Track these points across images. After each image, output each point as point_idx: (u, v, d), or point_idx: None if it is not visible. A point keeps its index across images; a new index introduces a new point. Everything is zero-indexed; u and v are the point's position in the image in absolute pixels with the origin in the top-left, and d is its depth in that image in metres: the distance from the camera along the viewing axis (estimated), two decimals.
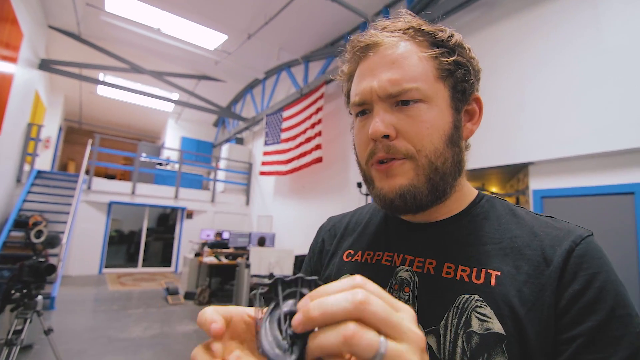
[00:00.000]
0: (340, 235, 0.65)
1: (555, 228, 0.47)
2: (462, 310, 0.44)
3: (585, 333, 0.39)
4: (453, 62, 0.49)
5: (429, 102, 0.48)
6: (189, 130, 12.21)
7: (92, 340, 3.87)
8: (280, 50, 7.10)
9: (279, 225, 7.97)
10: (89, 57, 7.80)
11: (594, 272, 0.41)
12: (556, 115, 3.24)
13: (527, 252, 0.45)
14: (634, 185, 2.75)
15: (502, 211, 0.52)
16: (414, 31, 0.50)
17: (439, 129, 0.48)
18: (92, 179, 7.78)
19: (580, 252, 0.43)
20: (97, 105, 11.32)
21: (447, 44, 0.50)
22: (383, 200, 0.50)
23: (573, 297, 0.41)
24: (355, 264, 0.58)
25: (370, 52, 0.50)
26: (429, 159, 0.47)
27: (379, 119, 0.47)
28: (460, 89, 0.50)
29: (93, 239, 7.96)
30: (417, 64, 0.48)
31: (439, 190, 0.49)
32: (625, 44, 2.82)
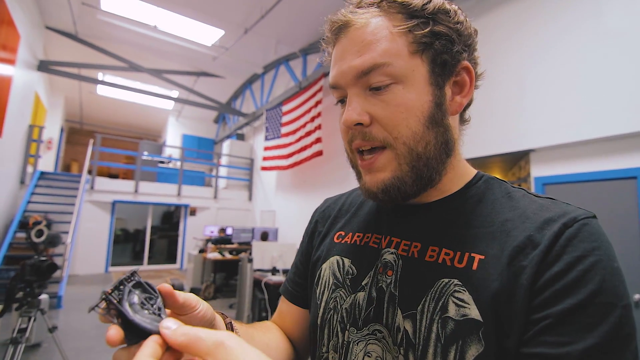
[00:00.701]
0: (334, 216, 0.65)
1: (550, 210, 0.44)
2: (440, 295, 0.43)
3: (554, 315, 0.36)
4: (429, 32, 0.45)
5: (404, 82, 0.44)
6: (189, 128, 12.23)
7: (99, 338, 3.92)
8: (277, 43, 7.05)
9: (281, 220, 8.00)
10: (87, 57, 7.80)
11: (580, 255, 0.38)
12: (557, 102, 3.20)
13: (514, 235, 0.42)
14: (636, 170, 2.72)
15: (499, 194, 0.49)
16: (387, 4, 0.46)
17: (416, 110, 0.45)
18: (95, 179, 7.83)
19: (569, 235, 0.40)
20: (97, 105, 11.35)
21: (421, 13, 0.45)
22: (368, 193, 0.49)
23: (551, 278, 0.38)
24: (345, 245, 0.57)
25: (342, 34, 0.48)
26: (407, 146, 0.45)
27: (352, 107, 0.46)
28: (441, 62, 0.46)
29: (98, 238, 8.04)
30: (388, 42, 0.44)
31: (423, 178, 0.47)
32: (626, 29, 2.76)
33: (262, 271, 4.44)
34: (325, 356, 0.52)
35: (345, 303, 0.51)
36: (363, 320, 0.48)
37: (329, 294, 0.54)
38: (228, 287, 6.77)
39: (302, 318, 0.64)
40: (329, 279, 0.55)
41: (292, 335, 0.64)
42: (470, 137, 2.26)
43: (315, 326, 0.55)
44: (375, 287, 0.49)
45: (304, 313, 0.64)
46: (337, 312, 0.52)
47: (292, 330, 0.64)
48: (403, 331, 0.44)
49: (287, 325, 0.65)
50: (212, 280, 6.17)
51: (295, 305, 0.65)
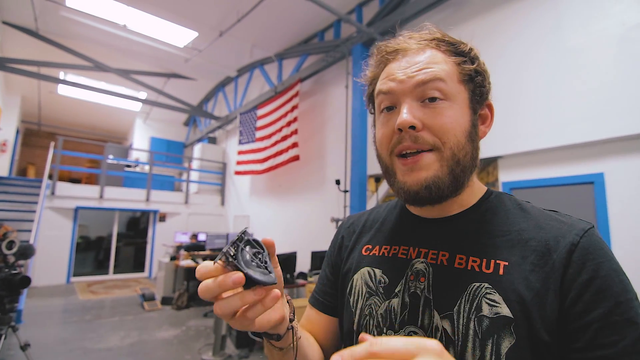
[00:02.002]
0: (359, 231, 0.70)
1: (560, 221, 0.51)
2: (474, 297, 0.49)
3: (599, 319, 0.43)
4: (474, 69, 0.55)
5: (452, 101, 0.52)
6: (158, 130, 11.82)
7: (66, 353, 3.70)
8: (253, 47, 7.01)
9: (256, 225, 7.92)
10: (48, 55, 7.37)
11: (599, 262, 0.45)
12: (522, 111, 3.42)
13: (533, 244, 0.50)
14: (593, 176, 2.96)
15: (510, 206, 0.57)
16: (438, 41, 0.55)
17: (461, 124, 0.53)
18: (56, 184, 7.38)
19: (584, 245, 0.47)
20: (58, 106, 10.72)
21: (468, 54, 0.55)
22: (407, 192, 0.54)
23: (582, 286, 0.44)
24: (374, 258, 0.62)
25: (399, 55, 0.55)
26: (452, 151, 0.52)
27: (407, 111, 0.51)
28: (479, 93, 0.56)
29: (59, 246, 7.56)
30: (443, 65, 0.53)
31: (459, 182, 0.53)
32: (583, 45, 3.02)
33: None
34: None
35: (380, 309, 0.57)
36: (399, 323, 0.54)
37: (363, 301, 0.60)
38: None
39: (332, 326, 0.69)
40: (361, 288, 0.61)
41: (321, 342, 0.68)
42: None
43: (351, 332, 0.60)
44: (408, 293, 0.55)
45: (334, 322, 0.69)
46: (373, 317, 0.57)
47: (323, 338, 0.69)
48: (442, 330, 0.50)
49: (318, 332, 0.69)
50: (186, 289, 5.99)
51: (326, 314, 0.69)
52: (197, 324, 4.86)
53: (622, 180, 2.78)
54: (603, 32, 2.91)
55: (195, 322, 4.95)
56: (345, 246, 0.70)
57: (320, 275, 0.75)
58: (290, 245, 6.12)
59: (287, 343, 0.52)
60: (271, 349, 0.53)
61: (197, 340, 4.23)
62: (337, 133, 5.66)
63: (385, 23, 4.64)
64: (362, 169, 4.77)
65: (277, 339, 0.50)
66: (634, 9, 2.75)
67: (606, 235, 2.80)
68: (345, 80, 5.40)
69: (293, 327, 0.52)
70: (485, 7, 3.85)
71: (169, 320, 5.03)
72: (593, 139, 2.91)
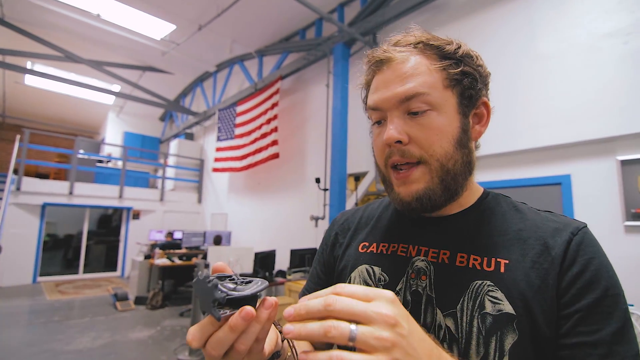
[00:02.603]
0: (354, 228, 0.70)
1: (555, 221, 0.54)
2: (476, 295, 0.50)
3: (583, 309, 0.45)
4: (460, 72, 0.54)
5: (439, 110, 0.53)
6: (132, 125, 11.46)
7: (34, 356, 3.54)
8: (233, 43, 6.91)
9: (234, 223, 7.83)
10: (15, 43, 6.99)
11: (590, 258, 0.48)
12: (496, 114, 3.48)
13: (531, 242, 0.51)
14: (560, 177, 3.12)
15: (506, 207, 0.58)
16: (423, 45, 0.55)
17: (448, 134, 0.53)
18: (22, 179, 7.02)
19: (577, 241, 0.49)
20: (24, 97, 10.19)
21: (454, 55, 0.55)
22: (401, 203, 0.55)
23: (572, 279, 0.47)
24: (371, 255, 0.62)
25: (384, 66, 0.55)
26: (440, 162, 0.53)
27: (393, 126, 0.53)
28: (467, 96, 0.55)
29: (25, 245, 7.20)
30: (427, 76, 0.53)
31: (451, 190, 0.54)
32: (555, 52, 3.16)
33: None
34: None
35: None
36: None
37: None
38: (177, 295, 6.47)
39: None
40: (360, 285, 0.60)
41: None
42: None
43: None
44: (409, 291, 0.55)
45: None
46: None
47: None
48: (445, 328, 0.50)
49: None
50: (161, 288, 5.85)
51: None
52: (173, 324, 4.76)
53: (587, 181, 2.94)
54: (572, 40, 3.06)
55: (171, 322, 4.85)
56: (340, 243, 0.70)
57: (310, 273, 0.74)
58: (269, 244, 6.10)
59: (285, 354, 0.51)
60: None
61: (172, 340, 4.14)
62: (318, 131, 5.67)
63: (366, 24, 4.69)
64: (342, 167, 4.81)
65: (277, 357, 0.49)
66: (601, 20, 2.90)
67: None
68: (326, 79, 5.42)
69: (288, 339, 0.51)
70: (464, 11, 3.96)
71: (143, 320, 4.90)
72: (560, 142, 3.06)
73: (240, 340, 0.36)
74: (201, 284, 0.37)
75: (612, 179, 2.78)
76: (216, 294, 0.35)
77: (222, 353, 0.36)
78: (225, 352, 0.37)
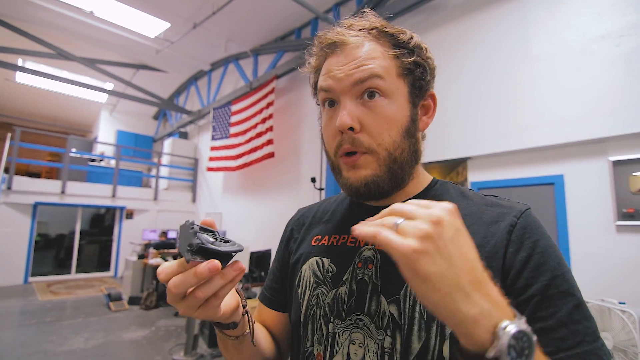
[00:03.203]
0: (309, 223, 0.71)
1: (500, 205, 0.55)
2: None
3: (538, 292, 0.45)
4: (412, 62, 0.55)
5: (390, 97, 0.53)
6: (125, 124, 11.35)
7: (26, 357, 3.50)
8: (228, 41, 6.87)
9: (229, 223, 7.79)
10: (5, 40, 6.88)
11: (536, 239, 0.48)
12: (490, 114, 3.58)
13: (476, 228, 0.52)
14: (553, 177, 3.16)
15: (454, 193, 0.60)
16: (377, 32, 0.55)
17: (397, 122, 0.54)
18: (13, 178, 6.92)
19: (522, 224, 0.50)
20: (15, 95, 10.03)
21: (407, 45, 0.55)
22: (350, 188, 0.56)
23: (522, 263, 0.47)
24: (322, 247, 0.63)
25: (338, 49, 0.55)
26: (388, 151, 0.53)
27: (346, 112, 0.52)
28: (418, 86, 0.56)
29: (16, 244, 7.10)
30: (381, 60, 0.53)
31: (397, 178, 0.55)
32: (548, 53, 3.20)
33: None
34: (310, 350, 0.58)
35: (327, 298, 0.57)
36: (346, 311, 0.55)
37: (310, 291, 0.60)
38: None
39: (282, 322, 0.69)
40: (309, 278, 0.61)
41: (273, 337, 0.69)
42: None
43: (298, 323, 0.60)
44: (355, 280, 0.56)
45: (282, 316, 0.69)
46: (320, 307, 0.57)
47: (274, 333, 0.69)
48: (389, 315, 0.51)
49: (269, 328, 0.70)
50: (155, 288, 5.81)
51: (274, 310, 0.69)
52: (167, 324, 4.74)
53: (579, 181, 2.98)
54: (565, 42, 3.10)
55: (165, 322, 4.82)
56: (295, 238, 0.71)
57: (269, 271, 0.75)
58: (264, 243, 6.08)
59: (243, 330, 0.52)
60: (226, 340, 0.53)
61: (167, 340, 4.12)
62: (313, 131, 5.67)
63: None
64: None
65: (233, 327, 0.50)
66: (594, 22, 2.94)
67: (564, 232, 3.00)
68: None
69: (248, 312, 0.52)
70: (458, 12, 3.99)
71: (137, 321, 4.87)
72: (553, 143, 3.10)
73: (200, 288, 0.39)
74: (184, 229, 0.40)
75: (604, 179, 2.82)
76: (193, 240, 0.38)
77: (181, 293, 0.39)
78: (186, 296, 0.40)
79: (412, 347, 0.48)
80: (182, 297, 0.40)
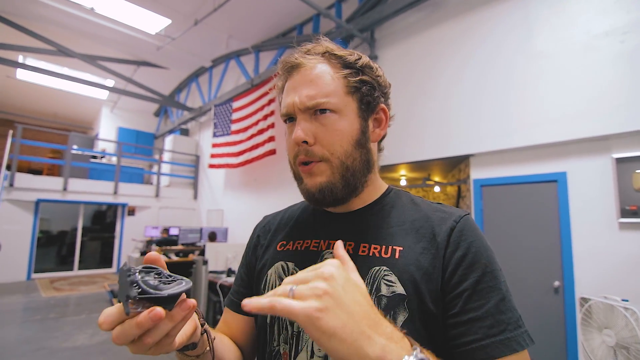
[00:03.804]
0: (274, 230, 0.75)
1: (443, 211, 0.61)
2: (374, 279, 0.55)
3: (470, 287, 0.51)
4: (359, 80, 0.60)
5: (340, 113, 0.59)
6: (126, 120, 11.35)
7: (30, 354, 3.52)
8: (229, 38, 6.86)
9: (230, 219, 7.81)
10: (6, 37, 6.86)
11: (471, 241, 0.55)
12: (493, 112, 3.57)
13: (422, 231, 0.58)
14: (556, 174, 3.16)
15: (405, 201, 0.66)
16: (329, 55, 0.61)
17: (348, 134, 0.59)
18: (15, 175, 6.93)
19: (459, 228, 0.56)
20: (16, 92, 10.02)
21: (354, 65, 0.61)
22: (307, 194, 0.61)
23: (457, 261, 0.53)
24: (287, 252, 0.67)
25: (294, 72, 0.61)
26: (340, 160, 0.59)
27: (300, 128, 0.58)
28: (366, 102, 0.61)
29: (18, 241, 7.13)
30: (329, 82, 0.59)
31: (350, 185, 0.60)
32: (552, 50, 3.19)
33: (215, 273, 4.33)
34: (276, 349, 0.61)
35: None
36: None
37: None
38: None
39: (247, 326, 0.71)
40: (275, 282, 0.65)
41: (239, 342, 0.70)
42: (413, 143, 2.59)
43: (264, 325, 0.64)
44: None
45: (249, 321, 0.71)
46: None
47: (239, 338, 0.71)
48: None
49: (234, 333, 0.71)
50: None
51: (241, 314, 0.71)
52: None
53: (582, 179, 2.98)
54: (569, 39, 3.09)
55: None
56: (261, 245, 0.74)
57: (235, 277, 0.78)
58: None
59: (203, 348, 0.53)
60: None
61: None
62: None
63: (364, 20, 4.68)
64: None
65: (192, 348, 0.51)
66: (598, 19, 2.93)
67: (567, 229, 3.01)
68: None
69: (207, 331, 0.53)
70: (461, 9, 3.97)
71: None
72: (556, 140, 3.09)
73: (148, 334, 0.38)
74: (123, 274, 0.37)
75: (607, 177, 2.83)
76: (130, 291, 0.36)
77: (125, 343, 0.38)
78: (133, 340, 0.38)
79: None
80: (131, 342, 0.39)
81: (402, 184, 6.15)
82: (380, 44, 4.89)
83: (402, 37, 4.57)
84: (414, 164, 4.50)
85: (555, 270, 3.08)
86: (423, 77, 4.24)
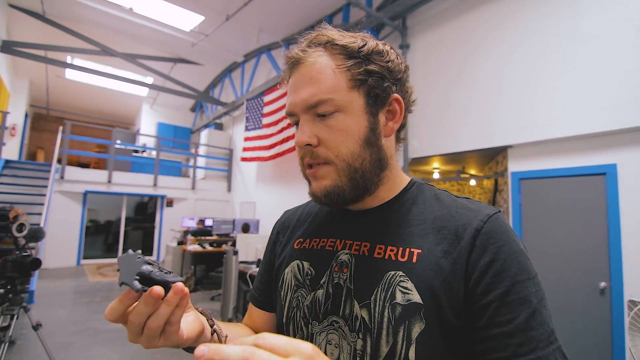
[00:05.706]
0: (293, 226, 0.73)
1: (469, 209, 0.54)
2: (389, 285, 0.51)
3: (498, 298, 0.46)
4: (364, 71, 0.54)
5: (344, 111, 0.54)
6: (165, 116, 11.84)
7: (77, 333, 3.80)
8: (260, 32, 6.92)
9: (262, 212, 7.96)
10: (55, 39, 7.35)
11: (500, 246, 0.48)
12: (533, 100, 3.35)
13: (445, 232, 0.53)
14: (605, 167, 2.91)
15: (428, 196, 0.60)
16: (330, 45, 0.55)
17: (354, 134, 0.54)
18: (65, 168, 7.46)
19: (487, 229, 0.50)
20: (65, 90, 10.75)
21: (358, 54, 0.54)
22: (314, 198, 0.58)
23: (483, 268, 0.48)
24: (304, 250, 0.65)
25: (295, 69, 0.57)
26: (346, 162, 0.54)
27: (302, 131, 0.55)
28: (374, 95, 0.55)
29: (69, 229, 7.70)
30: (331, 78, 0.53)
31: (360, 187, 0.56)
32: (601, 31, 2.92)
33: (246, 263, 4.43)
34: None
35: (306, 301, 0.59)
36: (323, 313, 0.56)
37: (291, 294, 0.62)
38: (208, 280, 6.71)
39: (270, 321, 0.72)
40: (291, 281, 0.63)
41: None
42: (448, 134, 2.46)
43: (281, 325, 0.63)
44: (332, 284, 0.57)
45: (271, 316, 0.71)
46: (300, 309, 0.60)
47: (263, 331, 0.68)
48: (360, 319, 0.52)
49: (258, 327, 0.72)
50: (193, 273, 6.09)
51: (263, 310, 0.72)
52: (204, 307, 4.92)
53: (634, 171, 2.72)
54: (621, 19, 2.81)
55: (203, 305, 5.00)
56: (280, 241, 0.73)
57: (257, 272, 0.77)
58: None
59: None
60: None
61: None
62: None
63: (395, 8, 4.53)
64: None
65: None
66: None
67: (617, 226, 2.77)
68: None
69: (217, 331, 0.53)
70: None
71: None
72: (607, 129, 2.84)
73: (151, 319, 0.41)
74: (130, 258, 0.42)
75: None
76: (142, 268, 0.41)
77: (142, 322, 0.41)
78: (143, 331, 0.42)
79: (381, 350, 0.49)
80: (141, 333, 0.42)
81: (435, 177, 5.96)
82: (412, 32, 4.72)
83: (436, 24, 4.38)
84: (447, 156, 4.33)
85: (602, 271, 2.85)
86: (459, 65, 4.05)
